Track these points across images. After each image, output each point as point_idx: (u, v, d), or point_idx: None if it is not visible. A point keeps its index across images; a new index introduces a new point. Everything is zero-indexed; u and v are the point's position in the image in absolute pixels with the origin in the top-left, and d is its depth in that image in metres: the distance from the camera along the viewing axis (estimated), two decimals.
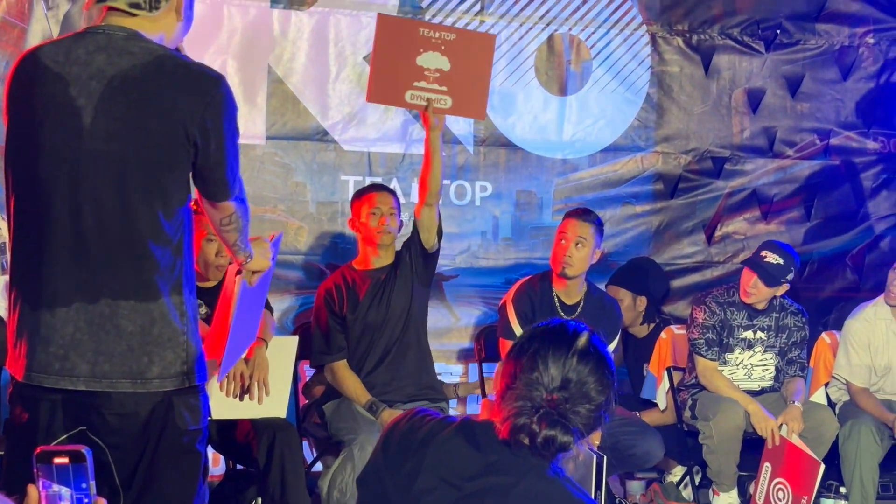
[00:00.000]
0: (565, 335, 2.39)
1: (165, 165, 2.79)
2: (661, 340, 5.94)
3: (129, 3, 2.86)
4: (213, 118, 2.80)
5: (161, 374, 2.81)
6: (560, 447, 2.31)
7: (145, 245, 2.78)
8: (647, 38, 6.72)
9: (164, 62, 2.81)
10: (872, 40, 7.06)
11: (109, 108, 2.78)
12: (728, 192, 6.90)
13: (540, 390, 2.33)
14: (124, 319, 2.78)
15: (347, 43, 6.18)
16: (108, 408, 2.79)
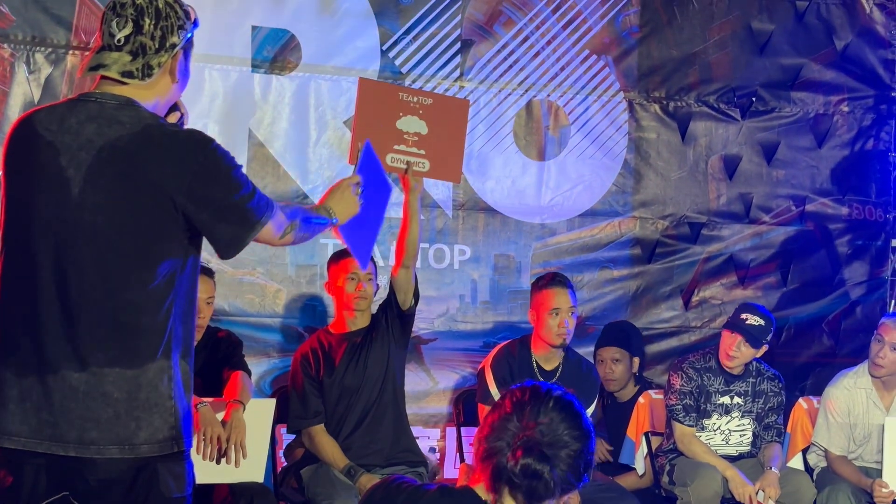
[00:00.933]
0: (542, 388, 2.48)
1: (152, 236, 2.80)
2: (639, 405, 5.94)
3: (122, 73, 2.86)
4: (202, 185, 2.80)
5: (148, 440, 2.80)
6: (534, 476, 2.33)
7: (131, 314, 2.78)
8: (625, 104, 6.79)
9: (151, 132, 2.81)
10: (847, 108, 7.15)
11: (97, 180, 2.79)
12: (705, 258, 6.95)
13: (515, 430, 2.39)
14: (111, 386, 2.77)
15: (328, 107, 6.22)
16: (92, 473, 2.78)
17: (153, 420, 2.80)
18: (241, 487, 4.57)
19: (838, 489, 5.36)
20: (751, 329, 5.47)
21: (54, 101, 5.72)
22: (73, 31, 5.77)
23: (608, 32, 6.74)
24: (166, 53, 2.91)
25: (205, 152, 2.83)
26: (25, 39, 5.69)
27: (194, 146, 2.84)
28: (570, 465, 2.39)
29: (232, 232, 2.86)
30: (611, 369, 6.10)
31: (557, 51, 6.65)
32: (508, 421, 2.41)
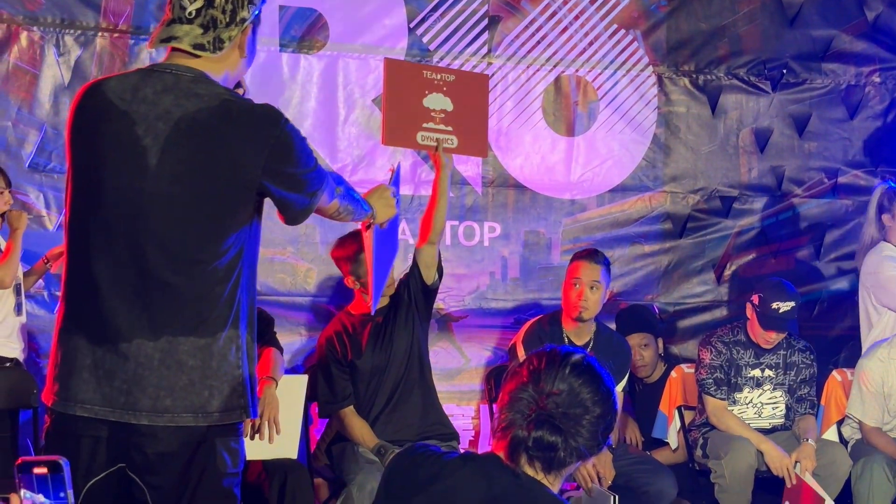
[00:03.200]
0: (558, 355, 2.46)
1: (227, 209, 2.84)
2: (671, 379, 5.93)
3: (193, 45, 2.88)
4: (277, 160, 2.86)
5: (220, 408, 2.84)
6: (549, 448, 2.34)
7: (203, 284, 2.82)
8: (654, 78, 6.76)
9: (229, 107, 2.84)
10: (879, 79, 7.09)
11: (175, 151, 2.81)
12: (737, 232, 6.91)
13: (530, 400, 2.39)
14: (185, 355, 2.81)
15: (356, 86, 6.22)
16: (152, 446, 2.81)
17: (224, 388, 2.84)
18: (276, 464, 4.60)
19: (873, 461, 5.34)
20: (785, 317, 5.46)
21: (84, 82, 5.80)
22: (102, 13, 5.80)
23: (636, 6, 6.70)
24: (236, 28, 2.92)
25: (280, 128, 2.86)
26: (55, 22, 5.72)
27: (270, 122, 2.86)
28: (589, 432, 2.39)
29: (301, 202, 2.93)
30: (640, 356, 6.06)
31: (585, 25, 6.62)
32: (524, 391, 2.41)
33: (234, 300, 2.86)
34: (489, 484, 2.36)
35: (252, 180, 2.84)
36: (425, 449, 2.52)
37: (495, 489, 2.35)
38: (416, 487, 2.41)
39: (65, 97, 5.76)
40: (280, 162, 2.86)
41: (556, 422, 2.36)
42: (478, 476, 2.38)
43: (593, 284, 5.26)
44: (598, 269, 5.28)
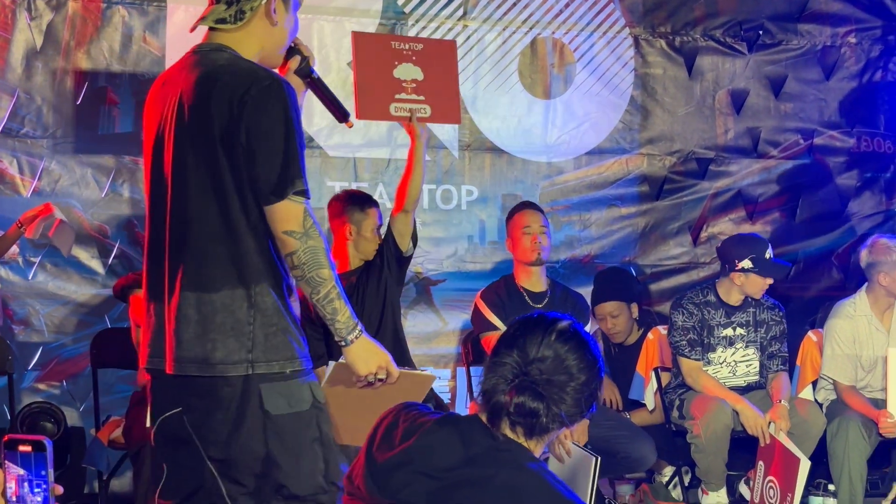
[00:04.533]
0: (545, 320, 2.46)
1: (219, 170, 2.92)
2: (648, 341, 5.95)
3: (216, 20, 3.03)
4: (251, 118, 2.87)
5: (223, 360, 2.91)
6: (530, 414, 2.34)
7: (212, 243, 2.94)
8: (630, 40, 6.75)
9: (219, 71, 2.95)
10: (854, 40, 7.09)
11: (180, 122, 2.97)
12: (713, 193, 6.93)
13: (514, 365, 2.39)
14: (191, 309, 2.94)
15: (331, 49, 6.19)
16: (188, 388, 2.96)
17: (228, 342, 2.91)
18: None
19: (848, 419, 5.38)
20: (780, 264, 5.57)
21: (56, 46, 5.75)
22: None
23: None
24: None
25: (260, 85, 2.88)
26: None
27: (254, 80, 2.90)
28: (573, 399, 2.39)
29: (269, 174, 2.88)
30: (612, 324, 6.07)
31: None
32: (508, 355, 2.41)
33: (246, 258, 2.92)
34: (466, 445, 2.37)
35: (231, 138, 2.88)
36: (412, 408, 2.52)
37: (472, 450, 2.35)
38: (394, 444, 2.42)
39: (37, 61, 5.73)
40: (249, 123, 2.87)
41: (539, 388, 2.36)
42: (455, 437, 2.39)
43: (542, 230, 5.46)
44: (541, 216, 5.52)
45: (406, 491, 2.35)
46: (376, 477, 2.41)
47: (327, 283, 2.93)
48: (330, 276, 2.93)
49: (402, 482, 2.36)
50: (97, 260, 5.86)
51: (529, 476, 2.33)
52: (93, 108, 5.86)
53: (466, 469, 2.34)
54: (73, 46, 5.81)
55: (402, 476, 2.37)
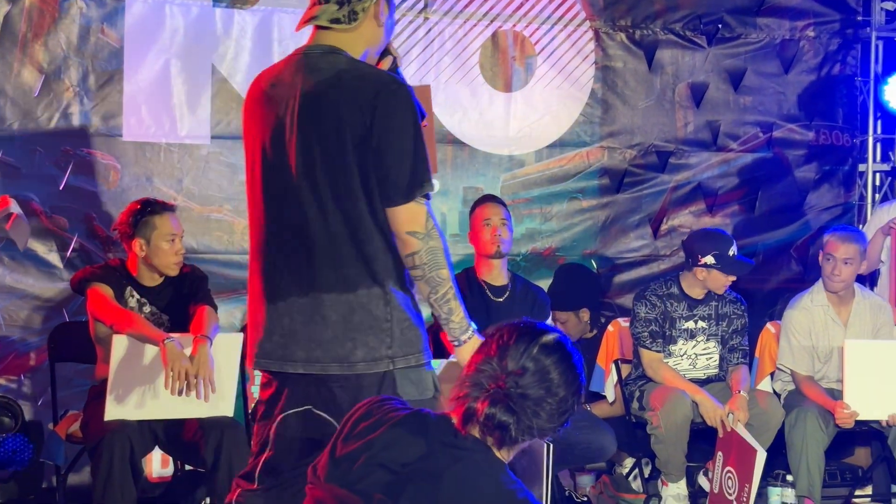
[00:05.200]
0: (532, 330, 2.42)
1: (347, 172, 3.03)
2: (608, 333, 5.98)
3: (330, 20, 3.11)
4: (381, 123, 2.99)
5: (365, 358, 3.04)
6: (499, 427, 2.33)
7: (343, 244, 3.05)
8: (591, 33, 6.76)
9: (342, 76, 3.06)
10: (813, 33, 7.14)
11: (301, 124, 3.06)
12: (673, 186, 6.95)
13: (492, 375, 2.36)
14: (328, 310, 3.06)
15: (291, 41, 6.15)
16: (333, 381, 3.08)
17: (368, 340, 3.04)
18: (211, 422, 4.58)
19: (806, 410, 5.42)
20: (744, 261, 5.57)
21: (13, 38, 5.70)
22: None
23: None
24: None
25: (393, 95, 3.02)
26: None
27: (381, 85, 3.03)
28: (548, 414, 2.36)
29: (399, 177, 3.01)
30: (564, 329, 6.11)
31: None
32: (488, 363, 2.38)
33: (376, 257, 3.05)
34: (427, 442, 2.36)
35: (361, 142, 3.00)
36: (386, 401, 2.51)
37: (431, 448, 2.35)
38: (361, 434, 2.41)
39: None
40: (382, 128, 3.00)
41: (512, 402, 2.33)
42: (420, 433, 2.38)
43: (503, 222, 5.46)
44: (501, 208, 5.53)
45: (364, 482, 2.35)
46: (337, 466, 2.40)
47: (445, 283, 3.07)
48: (448, 277, 3.07)
49: (360, 473, 2.36)
50: (55, 253, 5.81)
51: (482, 473, 2.32)
52: (50, 100, 5.82)
53: (422, 463, 2.33)
54: (31, 38, 5.76)
55: (361, 467, 2.36)
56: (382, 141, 3.00)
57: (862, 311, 5.72)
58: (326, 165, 3.04)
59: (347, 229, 3.04)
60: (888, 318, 5.73)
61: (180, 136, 5.99)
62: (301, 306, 3.07)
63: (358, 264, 3.05)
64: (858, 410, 5.33)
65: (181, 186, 6.01)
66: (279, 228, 3.12)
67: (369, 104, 2.99)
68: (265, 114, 3.14)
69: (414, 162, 3.02)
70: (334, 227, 3.05)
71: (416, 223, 3.03)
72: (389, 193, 3.03)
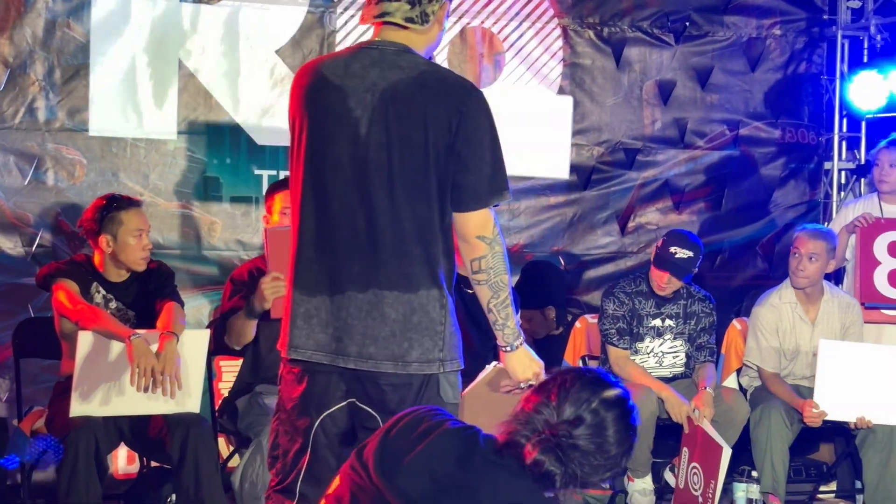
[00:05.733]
0: (596, 381, 2.41)
1: (424, 173, 3.06)
2: (575, 330, 6.00)
3: (405, 18, 3.14)
4: (466, 128, 3.04)
5: (419, 359, 3.09)
6: (545, 475, 2.32)
7: (410, 243, 3.08)
8: (559, 31, 6.77)
9: (426, 77, 3.09)
10: (779, 32, 7.18)
11: (380, 120, 3.07)
12: (640, 183, 6.98)
13: (547, 420, 2.35)
14: (389, 308, 3.08)
15: (259, 37, 6.14)
16: (383, 379, 3.11)
17: (424, 342, 3.09)
18: (177, 418, 4.56)
19: (771, 407, 5.45)
20: (679, 263, 5.51)
21: None
22: None
23: None
24: (437, 2, 3.18)
25: (476, 99, 3.07)
26: None
27: (467, 92, 3.09)
28: (596, 468, 2.35)
29: (479, 182, 3.06)
30: (530, 327, 6.13)
31: None
32: (546, 406, 2.36)
33: (438, 260, 3.09)
34: (470, 454, 2.36)
35: (443, 146, 3.03)
36: (439, 412, 2.51)
37: (473, 459, 2.35)
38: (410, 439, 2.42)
39: None
40: (466, 134, 3.04)
41: (562, 452, 2.32)
42: (465, 446, 2.38)
43: None
44: None
45: (404, 481, 2.36)
46: (386, 463, 2.40)
47: (507, 288, 3.15)
48: (508, 283, 3.15)
49: (403, 473, 2.37)
50: (20, 248, 5.78)
51: (519, 488, 2.33)
52: (15, 94, 5.78)
53: (459, 474, 2.34)
54: None
55: (405, 467, 2.37)
56: (466, 147, 3.04)
57: (830, 309, 5.75)
58: (404, 164, 3.06)
59: (416, 229, 3.07)
60: (857, 318, 5.77)
61: (147, 130, 5.96)
62: (360, 301, 3.09)
63: (422, 265, 3.08)
64: (828, 411, 5.36)
65: (147, 182, 5.98)
66: (343, 221, 3.10)
67: (455, 110, 3.04)
68: (331, 103, 3.11)
69: (493, 169, 3.07)
70: (404, 225, 3.07)
71: (486, 228, 3.09)
72: (466, 199, 3.07)
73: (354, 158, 3.08)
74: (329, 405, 3.14)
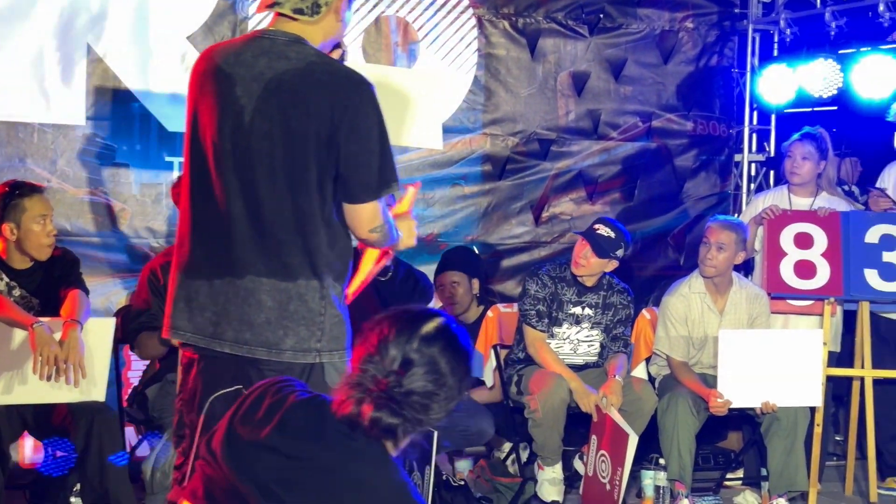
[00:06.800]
0: (412, 319, 2.35)
1: (306, 164, 3.06)
2: (487, 319, 6.01)
3: (293, 9, 3.14)
4: (352, 122, 3.05)
5: (294, 347, 3.10)
6: (386, 430, 2.29)
7: (289, 232, 3.08)
8: (474, 21, 6.79)
9: (314, 69, 3.09)
10: (692, 25, 7.26)
11: (264, 109, 3.08)
12: (555, 174, 7.03)
13: (375, 373, 2.30)
14: (265, 295, 3.09)
15: (170, 22, 6.07)
16: (264, 364, 3.11)
17: (300, 331, 3.09)
18: (82, 407, 4.51)
19: (678, 395, 5.52)
20: (599, 238, 5.57)
21: None
22: None
23: None
24: None
25: (364, 92, 3.08)
26: None
27: (355, 85, 3.08)
28: (439, 405, 2.31)
29: (363, 180, 3.08)
30: (451, 293, 6.12)
31: None
32: (370, 362, 2.31)
33: (320, 251, 3.09)
34: (325, 431, 2.31)
35: (325, 138, 3.04)
36: (282, 383, 2.44)
37: (329, 438, 2.31)
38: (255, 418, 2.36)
39: None
40: (352, 127, 3.04)
41: (396, 405, 2.27)
42: (316, 421, 2.33)
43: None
44: None
45: (258, 467, 2.30)
46: (233, 448, 2.34)
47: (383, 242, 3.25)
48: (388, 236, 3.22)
49: (256, 458, 2.31)
50: None
51: (380, 472, 2.30)
52: None
53: (320, 455, 2.30)
54: None
55: (256, 452, 2.31)
56: (353, 141, 3.05)
57: (738, 300, 5.83)
58: (286, 155, 3.06)
59: (297, 220, 3.07)
60: (764, 308, 5.85)
61: (55, 116, 5.87)
62: (238, 287, 3.10)
63: (301, 255, 3.08)
64: (732, 399, 5.44)
65: (55, 168, 5.89)
66: (224, 208, 3.10)
67: (341, 103, 3.04)
68: (218, 90, 3.11)
69: (382, 161, 3.08)
70: (284, 214, 3.07)
71: (376, 220, 3.13)
72: (356, 191, 3.08)
73: (237, 146, 3.09)
74: (219, 387, 3.13)
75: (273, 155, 3.07)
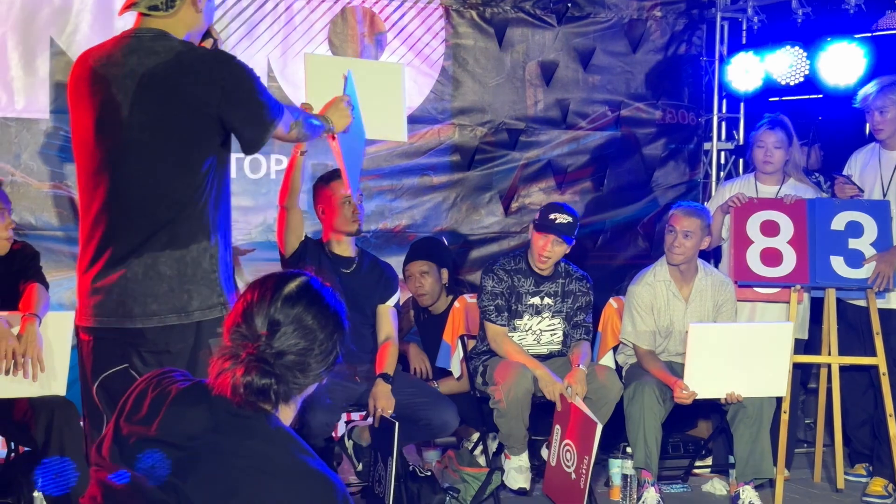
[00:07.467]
0: (273, 282, 2.36)
1: (192, 144, 3.31)
2: (454, 309, 6.00)
3: (149, 7, 3.36)
4: (230, 96, 3.29)
5: (200, 307, 3.35)
6: (260, 391, 2.28)
7: (177, 209, 3.30)
8: (441, 10, 6.78)
9: (182, 58, 3.30)
10: (660, 13, 7.26)
11: (141, 103, 3.28)
12: (524, 164, 7.02)
13: (244, 341, 2.30)
14: (163, 266, 3.32)
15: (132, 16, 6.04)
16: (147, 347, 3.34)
17: (202, 290, 3.35)
18: (42, 401, 4.49)
19: (644, 383, 5.52)
20: (561, 227, 5.57)
21: None
22: None
23: None
24: None
25: (230, 67, 3.32)
26: None
27: (219, 64, 3.32)
28: (316, 361, 2.33)
29: (256, 132, 3.37)
30: (420, 283, 6.11)
31: None
32: (238, 331, 2.32)
33: (206, 218, 3.34)
34: (212, 413, 2.31)
35: (211, 117, 3.29)
36: (165, 375, 2.42)
37: (217, 420, 2.30)
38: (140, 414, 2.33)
39: None
40: (232, 98, 3.29)
41: (267, 365, 2.27)
42: (202, 405, 2.31)
43: (360, 199, 5.44)
44: None
45: (150, 462, 2.28)
46: (122, 448, 2.32)
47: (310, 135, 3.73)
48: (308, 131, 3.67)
49: (145, 454, 2.28)
50: None
51: (274, 445, 2.29)
52: None
53: (211, 437, 2.28)
54: None
55: (147, 447, 2.29)
56: (238, 108, 3.31)
57: (704, 287, 5.84)
58: (167, 141, 3.28)
59: (181, 198, 3.30)
60: (730, 296, 5.86)
61: (18, 110, 5.86)
62: (137, 266, 3.30)
63: (188, 224, 3.32)
64: (697, 390, 5.43)
65: (19, 161, 5.88)
66: (113, 198, 3.31)
67: (216, 83, 3.27)
68: (95, 91, 3.31)
69: (267, 111, 3.37)
70: (172, 196, 3.30)
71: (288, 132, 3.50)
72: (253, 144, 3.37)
73: (119, 141, 3.29)
74: (106, 369, 3.35)
75: (154, 144, 3.28)
